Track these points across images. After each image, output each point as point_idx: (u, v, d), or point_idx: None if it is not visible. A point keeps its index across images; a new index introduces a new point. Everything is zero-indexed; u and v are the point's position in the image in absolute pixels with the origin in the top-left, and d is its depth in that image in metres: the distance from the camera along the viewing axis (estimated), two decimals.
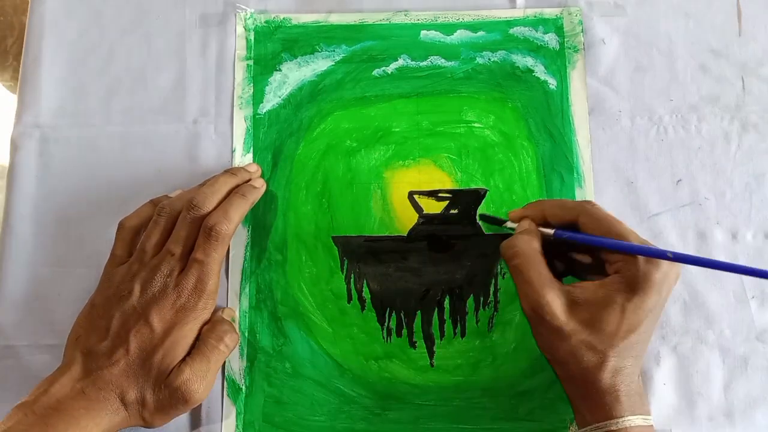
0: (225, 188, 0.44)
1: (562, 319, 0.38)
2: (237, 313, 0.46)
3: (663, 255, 0.37)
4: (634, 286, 0.37)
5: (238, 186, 0.45)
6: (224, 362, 0.45)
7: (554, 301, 0.38)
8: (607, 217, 0.39)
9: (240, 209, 0.43)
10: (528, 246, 0.40)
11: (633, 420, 0.37)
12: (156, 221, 0.43)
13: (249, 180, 0.46)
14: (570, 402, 0.41)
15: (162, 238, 0.42)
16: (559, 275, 0.41)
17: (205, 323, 0.42)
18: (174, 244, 0.41)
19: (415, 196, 0.45)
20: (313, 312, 0.46)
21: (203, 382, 0.40)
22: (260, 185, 0.46)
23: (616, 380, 0.38)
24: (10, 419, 0.37)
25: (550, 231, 0.41)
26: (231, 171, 0.46)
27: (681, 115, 0.49)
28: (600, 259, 0.40)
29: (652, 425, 0.39)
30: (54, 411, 0.37)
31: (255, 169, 0.47)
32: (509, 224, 0.44)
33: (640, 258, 0.37)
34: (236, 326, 0.45)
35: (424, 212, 0.46)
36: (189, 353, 0.41)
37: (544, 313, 0.38)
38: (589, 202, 0.41)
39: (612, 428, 0.37)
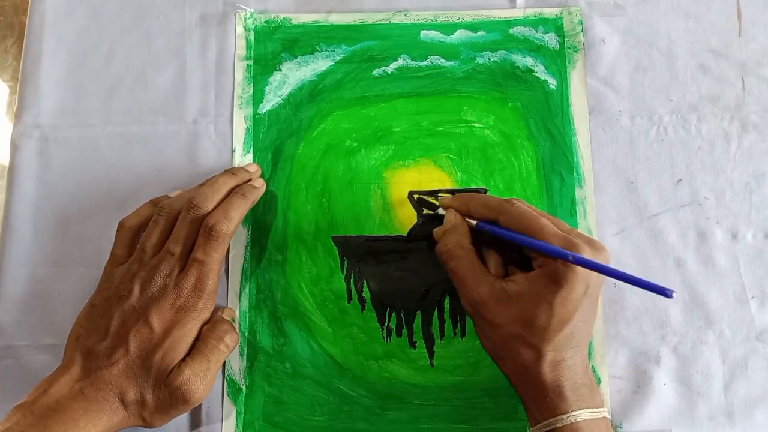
0: (225, 188, 0.44)
1: (495, 312, 0.38)
2: (237, 313, 0.46)
3: (564, 256, 0.36)
4: (558, 280, 0.37)
5: (238, 186, 0.45)
6: (224, 362, 0.45)
7: (487, 295, 0.39)
8: (524, 214, 0.39)
9: (240, 209, 0.43)
10: (459, 246, 0.41)
11: (579, 414, 0.37)
12: (156, 221, 0.43)
13: (249, 180, 0.46)
14: (522, 403, 0.41)
15: (162, 237, 0.42)
16: (499, 265, 0.42)
17: (205, 323, 0.42)
18: (173, 244, 0.41)
19: (415, 196, 0.45)
20: (313, 312, 0.46)
21: (203, 381, 0.40)
22: (260, 185, 0.46)
23: (557, 374, 0.38)
24: (9, 420, 0.37)
25: (473, 222, 0.41)
26: (231, 171, 0.46)
27: (681, 115, 0.49)
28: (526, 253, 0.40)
29: (604, 417, 0.38)
30: (52, 412, 0.37)
31: (255, 169, 0.47)
32: (440, 211, 0.44)
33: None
34: (236, 326, 0.45)
35: (424, 212, 0.46)
36: (189, 353, 0.41)
37: (479, 308, 0.39)
38: (509, 201, 0.40)
39: (558, 425, 0.37)
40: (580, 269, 0.37)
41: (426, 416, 0.44)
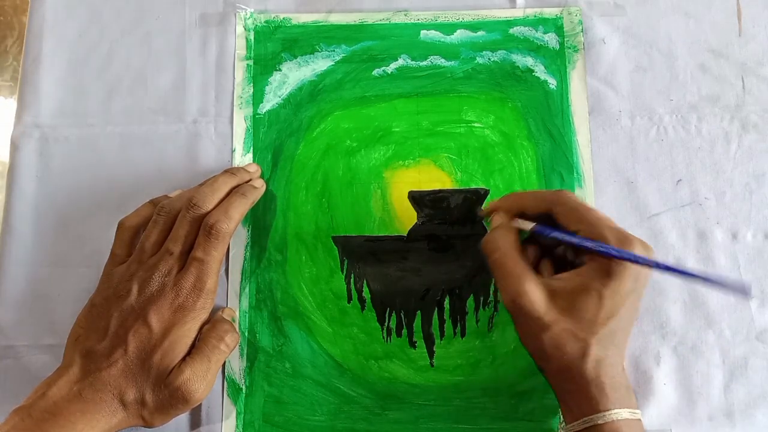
0: (225, 187, 0.44)
1: (542, 309, 0.38)
2: (237, 313, 0.46)
3: (627, 256, 0.37)
4: (609, 272, 0.37)
5: (238, 186, 0.45)
6: (224, 362, 0.45)
7: (533, 291, 0.38)
8: (579, 207, 0.39)
9: (240, 208, 0.43)
10: (505, 240, 0.40)
11: (620, 413, 0.37)
12: (155, 220, 0.43)
13: (249, 180, 0.46)
14: (558, 400, 0.41)
15: (161, 237, 0.42)
16: (539, 265, 0.42)
17: (205, 323, 0.42)
18: (173, 243, 0.41)
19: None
20: (313, 312, 0.46)
21: (203, 381, 0.40)
22: (260, 185, 0.46)
23: (600, 371, 0.38)
24: (7, 423, 0.37)
25: (528, 225, 0.41)
26: (230, 171, 0.46)
27: (681, 115, 0.49)
28: (576, 249, 0.40)
29: (639, 419, 0.38)
30: (50, 415, 0.37)
31: (255, 169, 0.47)
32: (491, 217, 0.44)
33: (613, 243, 0.37)
34: (236, 326, 0.45)
35: (424, 212, 0.46)
36: (189, 353, 0.41)
37: (523, 304, 0.38)
38: (563, 192, 0.41)
39: (599, 422, 0.37)
40: (630, 264, 0.37)
41: (426, 416, 0.44)
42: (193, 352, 0.41)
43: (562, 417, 0.42)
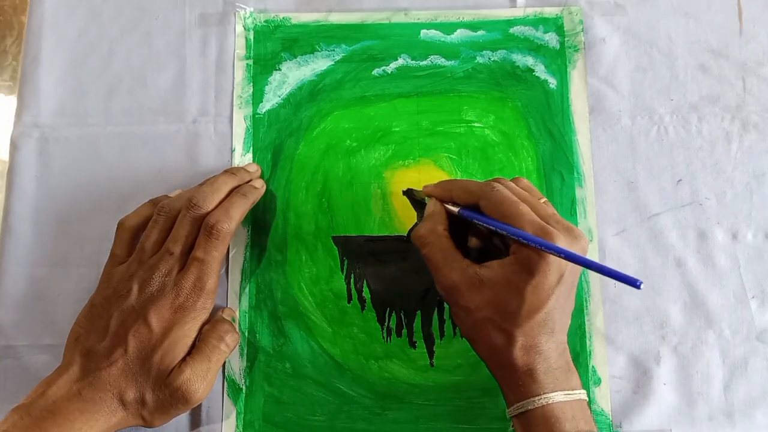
0: (225, 187, 0.44)
1: (467, 297, 0.38)
2: (237, 313, 0.46)
3: (536, 243, 0.36)
4: (531, 268, 0.37)
5: (238, 186, 0.45)
6: (224, 362, 0.45)
7: (459, 280, 0.39)
8: (504, 200, 0.39)
9: (240, 208, 0.43)
10: (432, 233, 0.41)
11: (552, 396, 0.37)
12: (155, 220, 0.43)
13: (249, 180, 0.46)
14: (498, 384, 0.41)
15: (161, 237, 0.42)
16: (475, 250, 0.42)
17: (205, 323, 0.42)
18: (173, 243, 0.41)
19: (414, 194, 0.45)
20: (313, 312, 0.46)
21: (204, 381, 0.40)
22: (260, 185, 0.46)
23: (529, 358, 0.38)
24: (6, 422, 0.37)
25: (456, 209, 0.41)
26: (230, 171, 0.46)
27: (681, 114, 0.49)
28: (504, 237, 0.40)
29: (580, 398, 0.38)
30: (49, 414, 0.37)
31: (255, 169, 0.47)
32: (426, 200, 0.43)
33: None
34: (236, 326, 0.45)
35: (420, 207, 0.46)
36: (189, 353, 0.41)
37: (452, 293, 0.39)
38: (489, 185, 0.40)
39: (530, 407, 0.37)
40: (552, 258, 0.37)
41: (426, 416, 0.44)
42: (193, 352, 0.41)
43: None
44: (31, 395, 0.38)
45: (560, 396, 0.37)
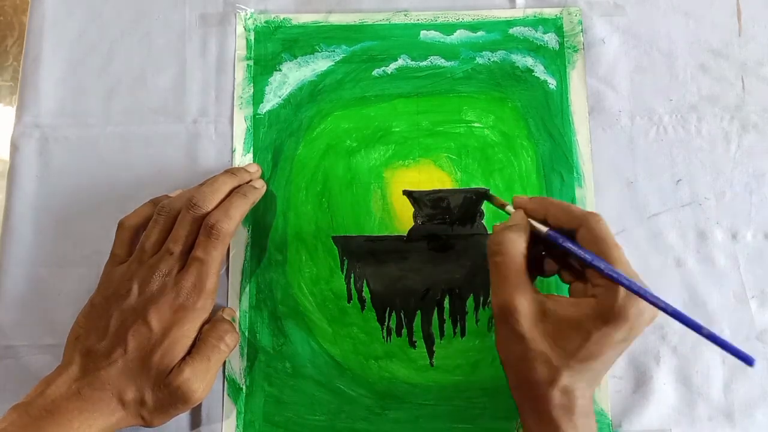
0: (225, 188, 0.44)
1: (526, 326, 0.37)
2: (237, 313, 0.46)
3: (646, 296, 0.35)
4: (607, 317, 0.35)
5: (238, 186, 0.45)
6: (224, 362, 0.45)
7: (523, 306, 0.37)
8: (606, 238, 0.37)
9: (241, 208, 0.43)
10: (513, 246, 0.38)
11: None
12: (155, 220, 0.43)
13: (249, 180, 0.46)
14: (518, 410, 0.40)
15: (161, 237, 0.42)
16: (541, 273, 0.41)
17: (205, 323, 0.42)
18: (173, 243, 0.41)
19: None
20: (313, 312, 0.46)
21: (203, 381, 0.40)
22: (260, 186, 0.46)
23: (567, 400, 0.37)
24: (5, 420, 0.37)
25: (544, 229, 0.39)
26: (231, 171, 0.46)
27: (681, 115, 0.49)
28: (584, 274, 0.39)
29: None
30: (47, 413, 0.37)
31: (255, 169, 0.47)
32: (509, 209, 0.42)
33: (621, 290, 0.35)
34: (236, 326, 0.45)
35: (424, 212, 0.46)
36: (189, 353, 0.41)
37: (509, 315, 0.37)
38: (594, 216, 0.38)
39: None
40: (632, 314, 0.35)
41: (426, 416, 0.44)
42: (192, 352, 0.41)
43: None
44: (30, 394, 0.38)
45: None
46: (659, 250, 0.47)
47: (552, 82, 0.49)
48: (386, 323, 0.46)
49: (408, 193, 0.46)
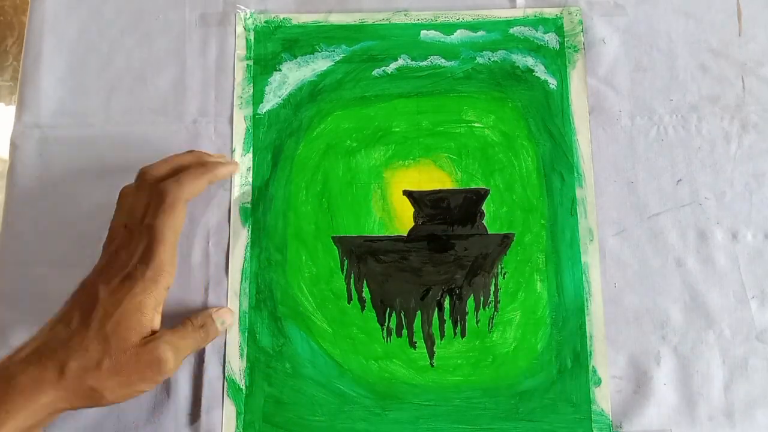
0: (177, 158, 0.43)
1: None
2: (229, 317, 0.45)
3: None
4: None
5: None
6: (224, 362, 0.45)
7: None
8: None
9: (194, 176, 0.41)
10: None
11: None
12: (119, 203, 0.42)
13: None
14: None
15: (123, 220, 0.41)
16: None
17: (195, 314, 0.42)
18: (124, 217, 0.41)
19: (414, 195, 0.45)
20: (313, 312, 0.46)
21: (176, 353, 0.39)
22: (227, 161, 0.45)
23: None
24: None
25: None
26: (191, 151, 0.45)
27: (681, 114, 0.49)
28: None
29: None
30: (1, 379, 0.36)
31: (227, 160, 0.46)
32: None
33: None
34: (219, 329, 0.44)
35: (424, 212, 0.46)
36: (165, 329, 0.40)
37: None
38: None
39: None
40: None
41: (426, 416, 0.44)
42: (170, 330, 0.40)
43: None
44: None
45: None
46: (659, 250, 0.47)
47: (552, 82, 0.49)
48: (386, 323, 0.46)
49: (408, 193, 0.46)
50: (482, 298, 0.46)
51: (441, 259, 0.46)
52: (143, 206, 0.40)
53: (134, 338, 0.38)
